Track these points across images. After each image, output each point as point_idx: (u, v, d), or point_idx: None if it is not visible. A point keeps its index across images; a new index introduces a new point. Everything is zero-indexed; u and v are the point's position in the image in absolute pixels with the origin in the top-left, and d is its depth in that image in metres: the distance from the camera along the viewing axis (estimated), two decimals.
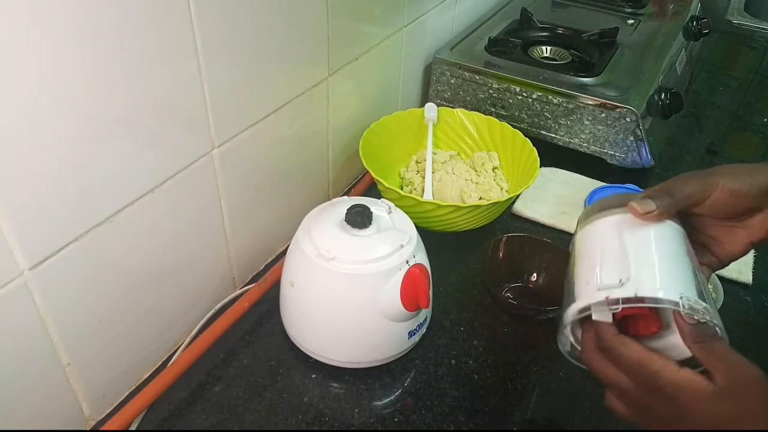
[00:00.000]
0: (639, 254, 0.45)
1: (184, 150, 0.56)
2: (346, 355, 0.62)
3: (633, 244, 0.46)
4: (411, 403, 0.61)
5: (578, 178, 0.93)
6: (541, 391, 0.63)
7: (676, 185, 0.48)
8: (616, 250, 0.46)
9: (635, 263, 0.45)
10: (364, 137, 0.81)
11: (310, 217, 0.64)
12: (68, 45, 0.42)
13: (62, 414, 0.54)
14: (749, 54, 1.43)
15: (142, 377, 0.62)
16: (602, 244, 0.48)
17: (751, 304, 0.74)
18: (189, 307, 0.65)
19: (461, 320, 0.70)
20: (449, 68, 1.00)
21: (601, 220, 0.49)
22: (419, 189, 0.83)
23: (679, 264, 0.45)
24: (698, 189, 0.47)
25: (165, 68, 0.51)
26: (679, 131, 1.09)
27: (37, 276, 0.46)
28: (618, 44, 1.08)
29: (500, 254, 0.74)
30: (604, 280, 0.45)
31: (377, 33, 0.83)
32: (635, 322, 0.46)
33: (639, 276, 0.44)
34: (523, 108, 0.97)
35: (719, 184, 0.47)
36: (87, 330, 0.53)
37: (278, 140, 0.69)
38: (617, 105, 0.90)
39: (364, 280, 0.58)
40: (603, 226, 0.49)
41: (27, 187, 0.43)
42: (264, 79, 0.63)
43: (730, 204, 0.47)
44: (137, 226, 0.54)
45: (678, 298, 0.42)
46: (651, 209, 0.46)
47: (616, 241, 0.47)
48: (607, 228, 0.49)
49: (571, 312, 0.46)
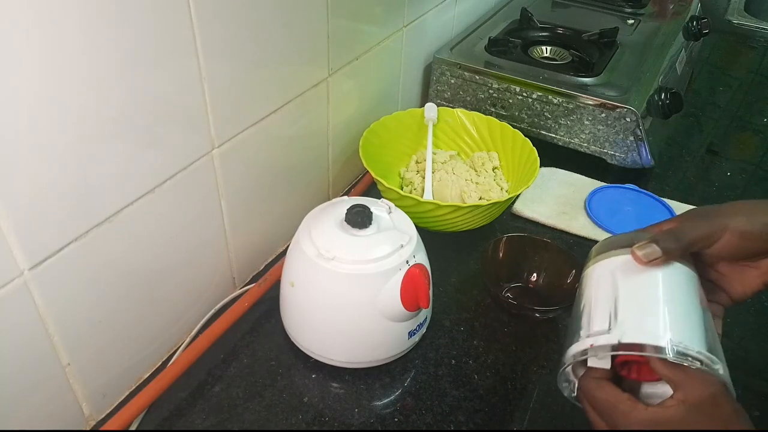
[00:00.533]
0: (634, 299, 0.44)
1: (184, 150, 0.56)
2: (346, 355, 0.62)
3: (630, 288, 0.45)
4: (411, 403, 0.61)
5: (578, 178, 0.93)
6: (541, 391, 0.63)
7: (684, 228, 0.46)
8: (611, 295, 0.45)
9: (627, 309, 0.44)
10: (364, 137, 0.81)
11: (310, 217, 0.64)
12: (68, 45, 0.42)
13: (62, 414, 0.54)
14: (749, 54, 1.43)
15: (142, 377, 0.62)
16: (600, 287, 0.47)
17: (751, 304, 0.74)
18: (189, 307, 0.65)
19: (461, 320, 0.70)
20: (449, 68, 1.00)
21: (603, 262, 0.48)
22: (419, 189, 0.83)
23: (680, 308, 0.43)
24: (706, 232, 0.46)
25: (165, 68, 0.51)
26: (679, 131, 1.09)
27: (37, 276, 0.46)
28: (618, 44, 1.08)
29: (500, 254, 0.74)
30: (594, 326, 0.44)
31: (377, 33, 0.83)
32: (637, 368, 0.45)
33: (625, 322, 0.43)
34: (523, 108, 0.97)
35: (729, 226, 0.45)
36: (87, 330, 0.53)
37: (278, 140, 0.69)
38: (617, 105, 0.90)
39: (364, 280, 0.58)
40: (604, 269, 0.48)
41: (27, 187, 0.43)
42: (264, 79, 0.63)
43: (740, 246, 0.45)
44: (137, 226, 0.54)
45: (664, 344, 0.40)
46: (655, 257, 0.45)
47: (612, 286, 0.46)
48: (608, 271, 0.47)
49: (567, 357, 0.46)
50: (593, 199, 0.88)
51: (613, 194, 0.90)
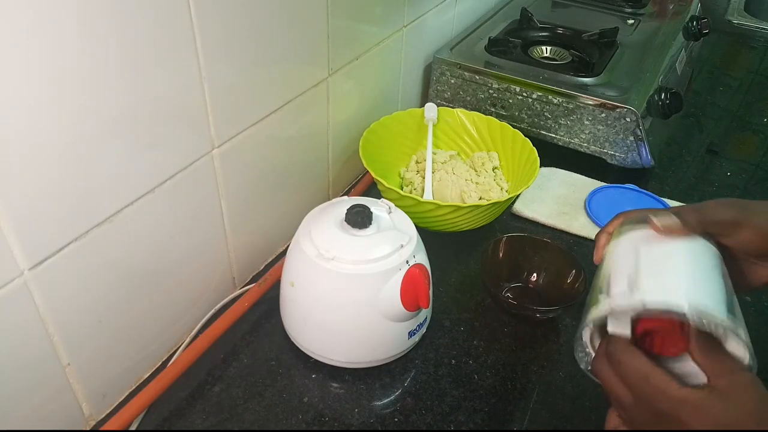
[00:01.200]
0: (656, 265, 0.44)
1: (184, 150, 0.56)
2: (346, 355, 0.62)
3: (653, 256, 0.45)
4: (411, 403, 0.61)
5: (578, 178, 0.93)
6: (541, 391, 0.63)
7: (708, 206, 0.46)
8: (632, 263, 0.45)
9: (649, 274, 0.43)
10: (364, 137, 0.81)
11: (310, 217, 0.64)
12: (68, 45, 0.42)
13: (62, 414, 0.54)
14: (749, 54, 1.43)
15: (142, 377, 0.62)
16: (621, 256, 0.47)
17: (751, 304, 0.74)
18: (189, 307, 0.65)
19: (461, 320, 0.70)
20: (449, 68, 1.00)
21: (626, 235, 0.48)
22: (419, 189, 0.83)
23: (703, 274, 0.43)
24: (730, 219, 0.46)
25: (165, 68, 0.51)
26: (679, 131, 1.09)
27: (37, 276, 0.46)
28: (618, 44, 1.08)
29: (500, 254, 0.74)
30: (614, 289, 0.43)
31: (377, 33, 0.83)
32: (660, 340, 0.43)
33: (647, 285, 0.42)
34: (523, 108, 0.97)
35: (753, 221, 0.45)
36: (87, 330, 0.53)
37: (278, 140, 0.69)
38: (617, 105, 0.90)
39: (364, 280, 0.58)
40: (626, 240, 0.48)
41: (27, 187, 0.43)
42: (264, 79, 0.63)
43: (759, 244, 0.46)
44: (137, 226, 0.54)
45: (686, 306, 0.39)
46: (674, 227, 0.45)
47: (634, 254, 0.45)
48: (629, 241, 0.47)
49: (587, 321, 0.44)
50: (593, 199, 0.88)
51: (613, 194, 0.90)
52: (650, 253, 0.45)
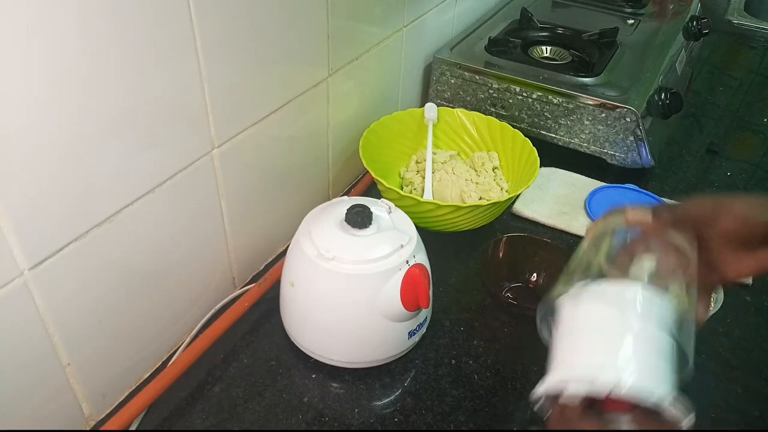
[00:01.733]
0: (604, 342, 0.45)
1: (184, 150, 0.56)
2: (346, 355, 0.62)
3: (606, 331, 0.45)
4: (411, 403, 0.61)
5: (578, 178, 0.93)
6: None
7: (686, 203, 0.47)
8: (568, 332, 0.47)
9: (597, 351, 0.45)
10: (364, 137, 0.81)
11: (310, 217, 0.64)
12: (68, 45, 0.42)
13: (62, 414, 0.54)
14: (749, 54, 1.43)
15: (142, 377, 0.62)
16: (563, 324, 0.49)
17: (751, 304, 0.74)
18: (189, 307, 0.65)
19: (461, 320, 0.70)
20: (449, 68, 1.00)
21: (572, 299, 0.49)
22: (419, 189, 0.83)
23: (648, 350, 0.43)
24: (709, 208, 0.46)
25: (165, 68, 0.51)
26: (679, 131, 1.09)
27: (37, 276, 0.46)
28: (618, 44, 1.08)
29: (500, 254, 0.74)
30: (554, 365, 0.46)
31: (377, 33, 0.83)
32: (609, 400, 0.45)
33: (565, 362, 0.45)
34: (523, 108, 0.97)
35: (734, 209, 0.46)
36: (87, 330, 0.53)
37: (278, 140, 0.69)
38: (617, 105, 0.90)
39: (364, 280, 0.58)
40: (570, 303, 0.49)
41: (27, 187, 0.43)
42: (264, 79, 0.63)
43: (740, 233, 0.46)
44: (137, 226, 0.54)
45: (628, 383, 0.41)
46: (639, 217, 0.46)
47: (568, 322, 0.48)
48: (567, 306, 0.49)
49: (538, 393, 0.46)
50: (593, 199, 0.88)
51: (613, 194, 0.90)
52: (603, 330, 0.45)
